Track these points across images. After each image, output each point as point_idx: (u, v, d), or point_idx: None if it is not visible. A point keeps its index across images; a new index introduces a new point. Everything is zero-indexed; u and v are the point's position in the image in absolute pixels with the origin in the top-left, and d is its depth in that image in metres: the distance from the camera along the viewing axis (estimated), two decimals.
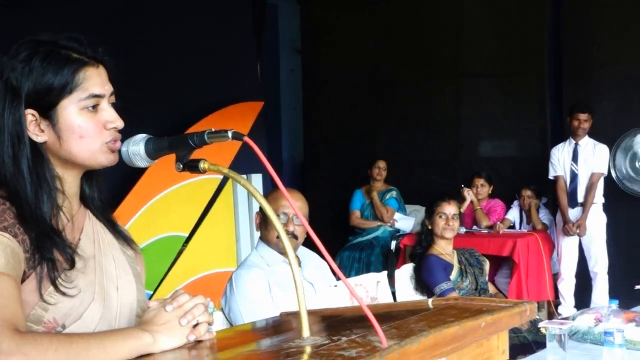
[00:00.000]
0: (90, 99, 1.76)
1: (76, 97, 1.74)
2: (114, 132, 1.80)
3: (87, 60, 1.77)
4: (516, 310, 1.78)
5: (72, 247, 1.74)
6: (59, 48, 1.75)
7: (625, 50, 8.04)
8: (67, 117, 1.75)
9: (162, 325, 1.65)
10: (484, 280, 5.18)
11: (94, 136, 1.76)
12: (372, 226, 8.66)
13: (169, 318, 1.66)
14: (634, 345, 3.43)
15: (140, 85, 6.21)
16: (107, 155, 1.79)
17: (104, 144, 1.78)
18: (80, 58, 1.76)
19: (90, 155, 1.78)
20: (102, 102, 1.79)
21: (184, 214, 6.84)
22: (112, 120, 1.79)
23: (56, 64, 1.73)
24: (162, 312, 1.68)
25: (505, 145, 8.95)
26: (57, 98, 1.73)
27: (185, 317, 1.67)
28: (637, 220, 7.78)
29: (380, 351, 1.37)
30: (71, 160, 1.78)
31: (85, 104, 1.75)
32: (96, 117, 1.77)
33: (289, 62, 10.59)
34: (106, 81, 1.81)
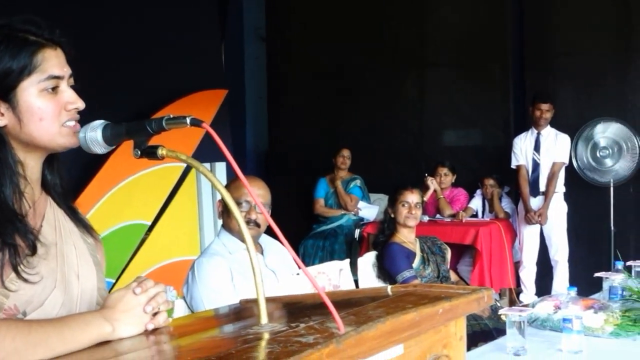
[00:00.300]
0: (49, 80, 1.74)
1: (35, 79, 1.73)
2: (73, 113, 1.78)
3: (45, 42, 1.75)
4: (473, 296, 1.79)
5: (34, 232, 1.72)
6: (16, 31, 1.74)
7: (586, 40, 8.11)
8: (26, 99, 1.73)
9: (122, 312, 1.64)
10: (446, 268, 5.21)
11: (54, 118, 1.75)
12: (336, 214, 8.68)
13: (130, 306, 1.65)
14: (592, 331, 3.47)
15: (103, 71, 6.17)
16: (68, 138, 1.77)
17: (63, 125, 1.77)
18: (37, 40, 1.75)
19: (50, 137, 1.76)
20: (61, 84, 1.77)
21: (146, 202, 6.81)
22: (72, 100, 1.78)
23: (13, 47, 1.71)
24: (123, 299, 1.67)
25: (468, 134, 9.01)
26: (16, 80, 1.72)
27: (150, 304, 1.67)
28: (596, 209, 7.87)
29: (337, 337, 1.37)
30: (32, 142, 1.76)
31: (44, 85, 1.74)
32: (56, 99, 1.76)
33: (253, 50, 10.54)
34: (64, 63, 1.79)
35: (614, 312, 3.59)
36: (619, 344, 3.40)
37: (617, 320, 3.53)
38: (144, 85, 6.82)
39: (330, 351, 1.34)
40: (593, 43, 8.10)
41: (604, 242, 7.61)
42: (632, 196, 7.88)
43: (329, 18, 9.61)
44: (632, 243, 7.85)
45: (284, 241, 1.57)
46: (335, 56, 9.54)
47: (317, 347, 1.32)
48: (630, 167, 7.59)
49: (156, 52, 7.04)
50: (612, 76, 8.08)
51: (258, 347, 1.43)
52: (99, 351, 1.55)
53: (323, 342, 1.35)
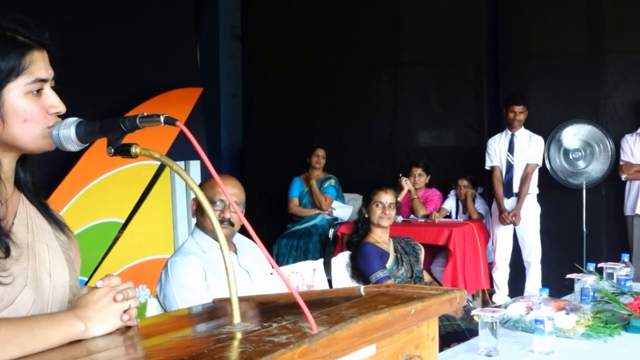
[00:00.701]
0: (36, 83, 1.74)
1: (22, 81, 1.73)
2: (55, 117, 1.78)
3: (33, 44, 1.75)
4: (445, 297, 1.80)
5: (8, 234, 1.72)
6: (4, 30, 1.73)
7: (560, 42, 8.17)
8: (12, 101, 1.72)
9: (95, 310, 1.64)
10: (419, 268, 5.22)
11: (37, 120, 1.75)
12: (310, 214, 8.68)
13: (102, 304, 1.65)
14: (564, 332, 3.49)
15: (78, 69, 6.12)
16: (47, 140, 1.77)
17: (46, 128, 1.76)
18: (25, 41, 1.74)
19: (32, 139, 1.76)
20: (45, 86, 1.77)
21: (120, 200, 6.77)
22: (55, 104, 1.78)
23: (2, 47, 1.71)
24: (95, 296, 1.67)
25: (442, 134, 9.04)
26: (4, 81, 1.71)
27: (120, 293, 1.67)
28: (569, 211, 7.92)
29: (310, 337, 1.38)
30: (13, 143, 1.76)
31: (30, 87, 1.74)
32: (40, 101, 1.76)
33: (228, 48, 10.53)
34: (49, 65, 1.79)
35: (585, 314, 3.62)
36: (591, 346, 3.42)
37: (589, 321, 3.56)
38: (119, 83, 6.79)
39: (303, 351, 1.34)
40: (566, 45, 8.16)
41: (576, 244, 7.66)
42: (604, 198, 7.94)
43: (304, 17, 9.61)
44: (604, 245, 7.92)
45: (257, 240, 1.57)
46: (310, 55, 9.55)
47: (290, 347, 1.32)
48: (603, 169, 7.64)
49: (131, 50, 7.00)
50: (585, 78, 8.14)
51: (230, 346, 1.43)
52: (70, 350, 1.54)
53: (296, 342, 1.35)
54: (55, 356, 1.50)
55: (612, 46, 8.01)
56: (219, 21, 10.44)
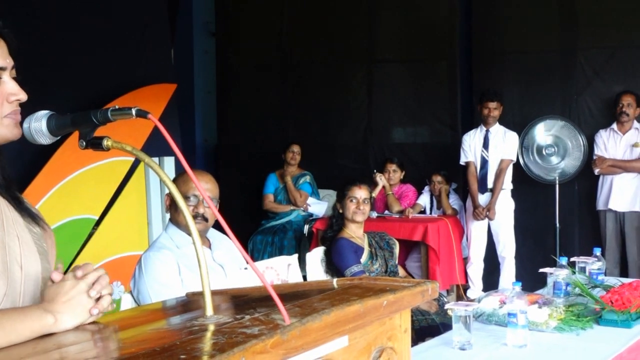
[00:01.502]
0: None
1: None
2: (15, 105, 1.77)
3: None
4: (418, 289, 1.81)
5: None
6: None
7: (533, 39, 8.23)
8: None
9: (64, 303, 1.63)
10: (394, 262, 5.24)
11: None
12: (285, 210, 8.68)
13: (70, 295, 1.65)
14: (536, 326, 3.52)
15: (52, 65, 6.10)
16: (10, 129, 1.76)
17: (4, 117, 1.75)
18: None
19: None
20: (2, 75, 1.76)
21: (94, 196, 6.74)
22: (15, 92, 1.76)
23: None
24: (64, 288, 1.66)
25: (416, 130, 9.06)
26: None
27: (93, 288, 1.66)
28: (542, 206, 7.98)
29: (282, 328, 1.39)
30: None
31: None
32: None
33: (202, 44, 10.50)
34: (6, 54, 1.77)
35: (557, 307, 3.64)
36: (563, 339, 3.44)
37: (561, 315, 3.58)
38: (92, 79, 6.75)
39: (275, 342, 1.35)
40: (539, 42, 8.21)
41: (550, 239, 7.72)
42: (577, 193, 8.00)
43: (278, 13, 9.61)
44: (576, 239, 7.98)
45: (230, 234, 1.58)
46: (284, 51, 9.55)
47: (262, 337, 1.33)
48: (575, 165, 7.70)
49: (105, 46, 6.97)
50: (557, 75, 8.20)
51: (203, 338, 1.44)
52: (41, 343, 1.54)
53: (268, 333, 1.36)
54: (26, 350, 1.50)
55: (584, 43, 8.06)
56: (193, 17, 10.41)
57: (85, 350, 1.52)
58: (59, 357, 1.47)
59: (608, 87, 7.91)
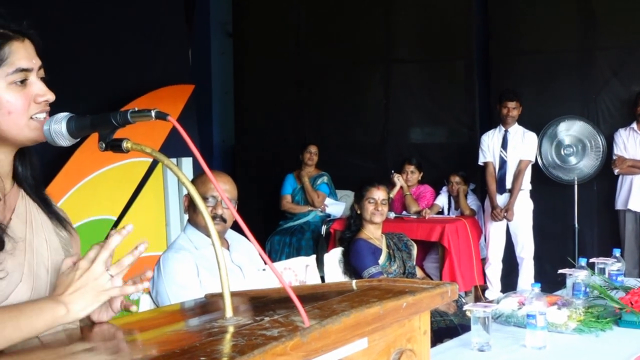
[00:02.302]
0: (18, 73, 1.72)
1: (3, 72, 1.71)
2: (43, 105, 1.77)
3: (12, 34, 1.73)
4: (437, 291, 1.80)
5: (2, 227, 1.71)
6: None
7: (551, 38, 8.18)
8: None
9: (73, 292, 1.63)
10: (412, 264, 5.22)
11: (22, 111, 1.73)
12: (303, 211, 8.68)
13: (80, 284, 1.64)
14: (556, 327, 3.50)
15: (71, 67, 6.12)
16: (37, 131, 1.75)
17: (31, 118, 1.75)
18: (4, 32, 1.72)
19: (19, 130, 1.74)
20: (30, 76, 1.75)
21: (113, 197, 6.77)
22: (42, 93, 1.76)
23: None
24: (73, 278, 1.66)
25: (434, 131, 9.03)
26: None
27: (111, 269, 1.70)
28: (561, 207, 7.95)
29: (302, 330, 1.38)
30: (0, 136, 1.75)
31: (12, 78, 1.72)
32: (25, 91, 1.74)
33: (220, 45, 10.52)
34: (33, 55, 1.77)
35: (577, 309, 3.62)
36: (582, 340, 3.43)
37: (581, 316, 3.56)
38: (110, 80, 6.78)
39: (295, 344, 1.34)
40: (557, 41, 8.16)
41: (568, 239, 7.68)
42: (596, 194, 7.96)
43: (295, 13, 9.61)
44: (595, 240, 7.94)
45: (250, 236, 1.57)
46: (301, 52, 9.55)
47: (282, 340, 1.33)
48: (594, 165, 7.66)
49: (123, 47, 7.00)
50: (576, 75, 8.15)
51: (223, 340, 1.43)
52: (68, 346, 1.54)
53: (288, 335, 1.35)
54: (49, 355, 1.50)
55: (603, 42, 8.01)
56: (210, 18, 10.43)
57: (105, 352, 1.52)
58: None
59: (627, 86, 7.87)
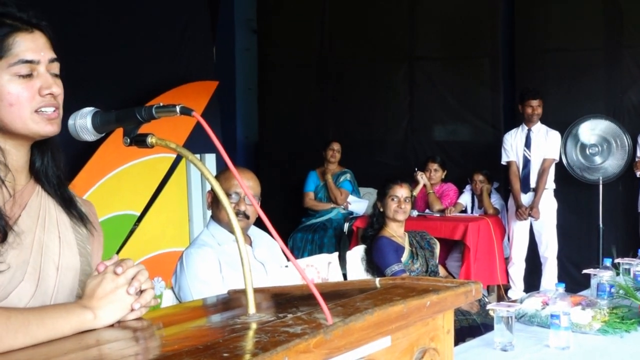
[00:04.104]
0: (21, 65, 1.70)
1: (5, 63, 1.69)
2: (49, 99, 1.74)
3: (20, 26, 1.71)
4: (461, 289, 1.79)
5: (5, 219, 1.68)
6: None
7: (576, 37, 8.11)
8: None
9: (102, 299, 1.62)
10: (435, 262, 5.21)
11: (24, 103, 1.71)
12: (326, 208, 8.67)
13: (108, 290, 1.63)
14: (580, 328, 3.48)
15: (94, 62, 6.15)
16: (42, 125, 1.73)
17: (34, 112, 1.72)
18: (12, 23, 1.71)
19: (22, 123, 1.72)
20: (37, 68, 1.73)
21: (136, 192, 6.79)
22: (46, 85, 1.73)
23: None
24: (101, 285, 1.64)
25: (457, 129, 8.99)
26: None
27: (132, 285, 1.65)
28: (585, 206, 7.89)
29: (325, 327, 1.38)
30: (4, 128, 1.73)
31: (15, 70, 1.70)
32: (29, 84, 1.72)
33: (244, 42, 10.52)
34: (42, 47, 1.74)
35: (601, 309, 3.60)
36: (607, 341, 3.40)
37: (605, 317, 3.54)
38: (135, 77, 6.81)
39: (318, 342, 1.34)
40: (583, 39, 8.10)
41: (593, 239, 7.62)
42: (621, 194, 7.89)
43: (319, 10, 9.60)
44: (620, 240, 7.87)
45: (273, 232, 1.57)
46: (325, 48, 9.55)
47: (305, 337, 1.32)
48: (619, 164, 7.59)
49: (147, 43, 7.02)
50: (601, 73, 8.08)
51: (245, 336, 1.43)
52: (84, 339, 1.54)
53: (311, 332, 1.35)
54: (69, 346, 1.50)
55: (630, 41, 7.94)
56: (235, 14, 10.44)
57: (127, 347, 1.52)
58: (100, 354, 1.48)
59: None
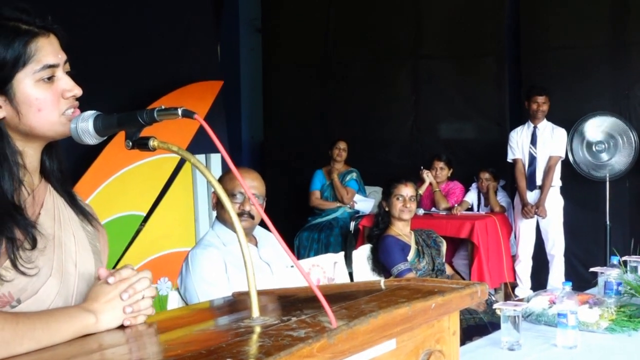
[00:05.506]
0: (45, 70, 1.72)
1: (30, 70, 1.71)
2: (72, 100, 1.77)
3: (37, 31, 1.73)
4: (467, 291, 1.78)
5: (33, 224, 1.71)
6: (6, 20, 1.71)
7: (582, 33, 8.09)
8: (23, 91, 1.71)
9: (105, 303, 1.65)
10: (441, 261, 5.20)
11: (52, 107, 1.73)
12: (332, 207, 8.66)
13: (112, 295, 1.66)
14: (587, 326, 3.46)
15: (98, 63, 6.13)
16: (67, 126, 1.75)
17: (62, 114, 1.75)
18: (29, 29, 1.72)
19: (50, 126, 1.74)
20: (57, 72, 1.75)
21: (141, 193, 6.79)
22: (69, 88, 1.76)
23: (5, 38, 1.69)
24: (105, 288, 1.68)
25: (463, 127, 8.97)
26: (11, 72, 1.70)
27: (126, 291, 1.67)
28: (592, 203, 7.86)
29: (329, 331, 1.36)
30: (31, 133, 1.75)
31: (40, 75, 1.72)
32: (52, 88, 1.74)
33: (248, 41, 10.52)
34: (58, 49, 1.77)
35: (609, 308, 3.58)
36: (614, 340, 3.39)
37: (613, 315, 3.52)
38: (139, 77, 6.80)
39: (322, 346, 1.33)
40: (588, 36, 8.07)
41: (600, 237, 7.60)
42: (628, 190, 7.86)
43: (323, 9, 9.59)
44: (627, 238, 7.84)
45: (275, 234, 1.56)
46: (330, 47, 9.54)
47: (309, 341, 1.31)
48: (626, 161, 7.57)
49: (151, 43, 7.01)
50: (607, 69, 8.05)
51: (249, 340, 1.42)
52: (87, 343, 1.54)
53: (314, 336, 1.34)
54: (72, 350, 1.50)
55: (636, 37, 7.90)
56: (239, 14, 10.43)
57: (130, 352, 1.52)
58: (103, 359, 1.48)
59: None
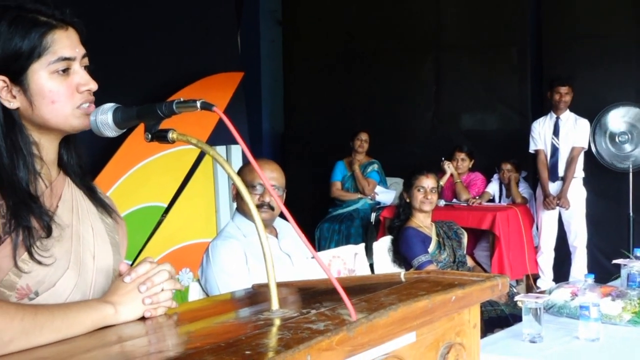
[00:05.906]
0: (60, 62, 1.73)
1: (45, 61, 1.72)
2: (86, 95, 1.77)
3: (55, 23, 1.73)
4: (487, 284, 1.76)
5: (49, 214, 1.72)
6: (25, 12, 1.72)
7: (604, 23, 8.03)
8: (37, 82, 1.72)
9: (124, 295, 1.66)
10: (462, 252, 5.19)
11: (66, 100, 1.74)
12: (353, 198, 8.65)
13: (130, 287, 1.67)
14: (610, 319, 3.45)
15: (120, 55, 6.16)
16: (81, 120, 1.76)
17: (76, 108, 1.75)
18: (47, 21, 1.73)
19: (63, 119, 1.75)
20: (73, 65, 1.76)
21: (163, 184, 6.81)
22: (84, 82, 1.76)
23: (23, 28, 1.70)
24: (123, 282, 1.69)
25: (485, 118, 8.93)
26: (26, 63, 1.70)
27: (144, 283, 1.68)
28: (614, 195, 7.81)
29: (348, 324, 1.36)
30: (45, 125, 1.76)
31: (55, 67, 1.72)
32: (67, 81, 1.74)
33: (269, 33, 10.51)
34: (76, 43, 1.77)
35: (632, 300, 3.56)
36: (637, 332, 3.37)
37: (635, 308, 3.50)
38: (160, 68, 6.82)
39: (341, 338, 1.33)
40: (611, 26, 8.01)
41: (623, 229, 7.55)
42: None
43: (344, 1, 9.56)
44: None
45: (294, 225, 1.56)
46: (351, 39, 9.51)
47: (328, 334, 1.31)
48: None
49: (172, 35, 7.02)
50: (630, 60, 7.98)
51: (269, 333, 1.42)
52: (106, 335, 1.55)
53: (334, 329, 1.33)
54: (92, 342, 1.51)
55: None
56: (260, 6, 10.42)
57: (149, 344, 1.52)
58: (122, 351, 1.48)
59: None
